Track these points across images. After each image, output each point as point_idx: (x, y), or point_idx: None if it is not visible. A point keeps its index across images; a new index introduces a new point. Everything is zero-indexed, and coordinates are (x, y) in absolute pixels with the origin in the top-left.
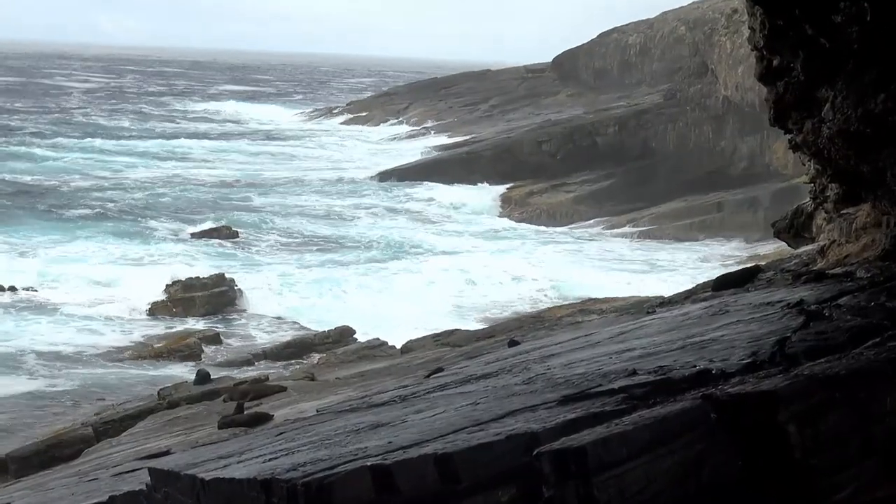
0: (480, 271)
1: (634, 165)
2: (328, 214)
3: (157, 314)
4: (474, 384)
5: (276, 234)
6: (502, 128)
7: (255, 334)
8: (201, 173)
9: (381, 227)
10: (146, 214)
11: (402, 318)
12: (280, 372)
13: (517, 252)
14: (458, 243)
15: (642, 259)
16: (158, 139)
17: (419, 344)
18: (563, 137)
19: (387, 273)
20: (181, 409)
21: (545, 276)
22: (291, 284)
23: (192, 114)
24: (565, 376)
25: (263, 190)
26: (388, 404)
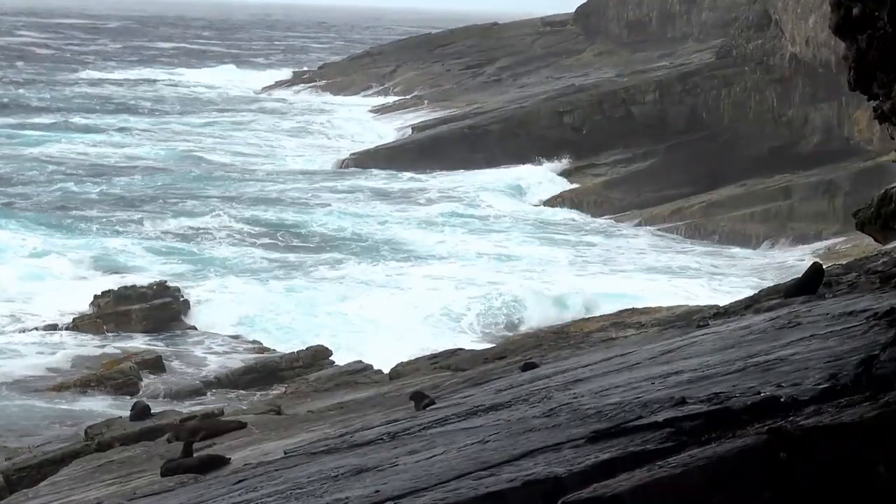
0: (487, 276)
1: (679, 141)
2: (293, 208)
3: (82, 332)
4: (482, 417)
5: (231, 232)
6: (513, 96)
7: (206, 357)
8: (136, 154)
9: (356, 224)
10: (69, 205)
11: (391, 335)
12: (238, 404)
13: (533, 250)
14: (459, 243)
15: (690, 259)
16: (84, 112)
17: (412, 367)
18: (590, 107)
19: (370, 280)
20: (114, 451)
21: (567, 281)
22: (252, 295)
23: (123, 81)
24: (596, 407)
25: (212, 178)
26: (375, 444)
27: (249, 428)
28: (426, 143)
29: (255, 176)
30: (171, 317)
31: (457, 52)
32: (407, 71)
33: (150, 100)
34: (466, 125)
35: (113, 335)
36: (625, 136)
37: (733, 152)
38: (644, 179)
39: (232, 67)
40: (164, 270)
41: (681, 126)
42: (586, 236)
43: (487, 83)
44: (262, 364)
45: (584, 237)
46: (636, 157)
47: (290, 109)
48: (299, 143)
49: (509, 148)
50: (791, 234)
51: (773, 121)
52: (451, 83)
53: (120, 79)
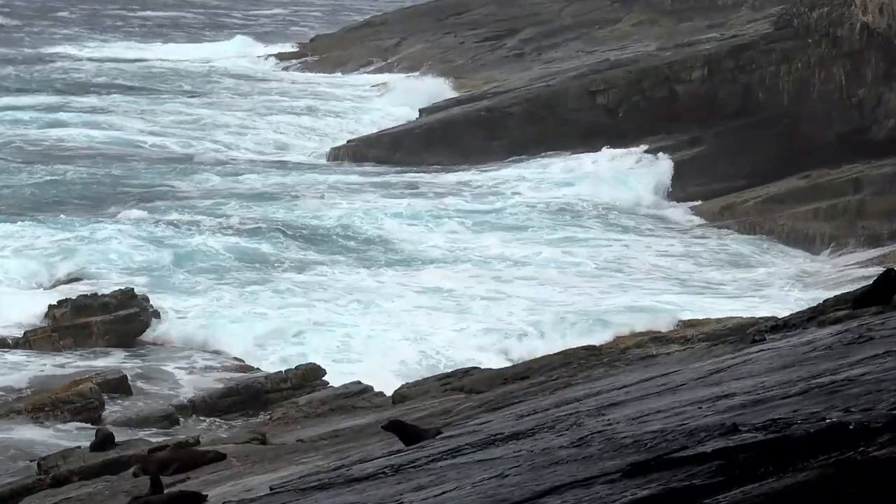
0: (504, 282)
1: (732, 126)
2: (280, 205)
3: (35, 348)
4: (500, 447)
5: (208, 232)
6: (538, 73)
7: (179, 377)
8: (94, 142)
9: (353, 224)
10: (15, 198)
11: (394, 351)
12: (216, 432)
13: (561, 251)
14: (472, 243)
15: (744, 262)
16: (34, 93)
17: (419, 389)
18: (628, 86)
19: (372, 288)
20: (72, 486)
21: (601, 288)
22: (232, 305)
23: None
24: (634, 435)
25: (184, 169)
26: (375, 478)
27: (229, 459)
28: (436, 128)
29: (236, 167)
30: (137, 330)
31: (472, 21)
32: (414, 44)
33: (109, 77)
34: (483, 107)
35: (71, 352)
36: (668, 120)
37: (794, 139)
38: (689, 169)
39: (206, 43)
40: (131, 277)
41: (733, 108)
42: (619, 234)
43: (508, 58)
44: (245, 385)
45: (616, 236)
46: (681, 145)
47: (276, 89)
48: (286, 128)
49: (532, 132)
50: (862, 234)
51: (841, 102)
52: (465, 58)
53: (77, 54)
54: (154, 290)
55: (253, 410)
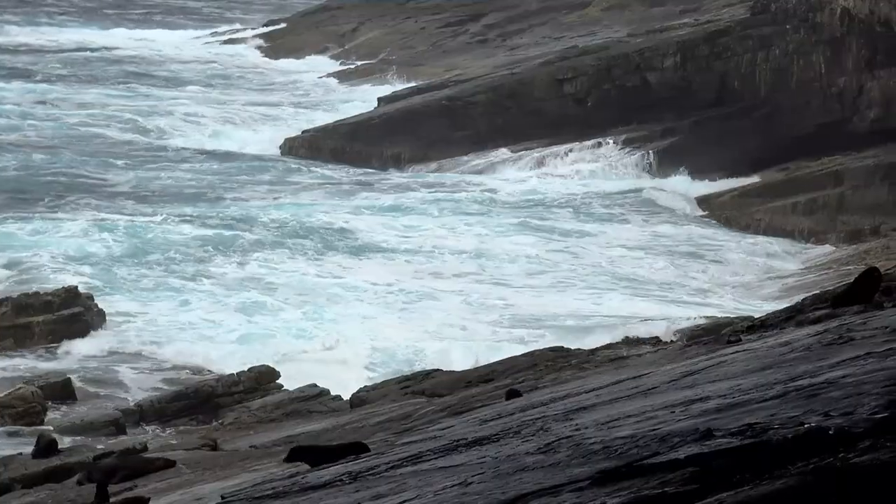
0: (469, 280)
1: (707, 116)
2: (227, 199)
3: None
4: (463, 453)
5: (153, 229)
6: (503, 60)
7: (125, 380)
8: (24, 131)
9: (305, 218)
10: None
11: (352, 351)
12: (164, 438)
13: (536, 247)
14: (436, 233)
15: (718, 258)
16: None
17: (378, 392)
18: (597, 74)
19: (326, 281)
20: (13, 495)
21: (572, 283)
22: (180, 304)
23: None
24: (603, 441)
25: (123, 163)
26: (333, 486)
27: (179, 467)
28: (396, 118)
29: (178, 157)
30: (82, 331)
31: (434, 6)
32: (372, 29)
33: (36, 64)
34: (445, 96)
35: (11, 353)
36: (639, 110)
37: (772, 130)
38: (662, 161)
39: (141, 28)
40: (73, 275)
41: (708, 97)
42: (591, 228)
43: (471, 44)
44: (195, 389)
45: (584, 230)
46: (653, 136)
47: (222, 76)
48: (233, 118)
49: (497, 122)
50: (842, 230)
51: (821, 91)
52: (426, 44)
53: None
54: (98, 289)
55: (203, 415)
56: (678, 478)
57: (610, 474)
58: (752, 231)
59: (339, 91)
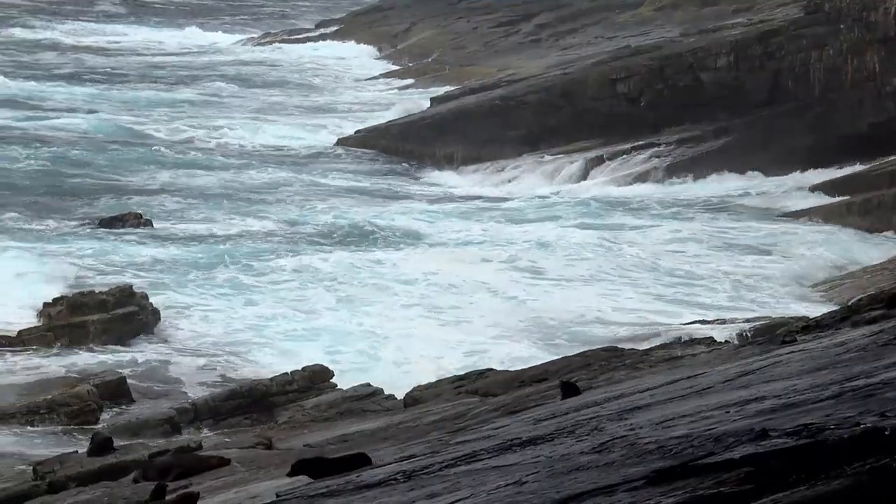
0: (523, 279)
1: (759, 116)
2: (280, 199)
3: (28, 348)
4: (517, 453)
5: (209, 226)
6: (555, 60)
7: (180, 379)
8: (74, 132)
9: (360, 219)
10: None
11: (407, 350)
12: (219, 437)
13: (587, 248)
14: (489, 231)
15: (772, 258)
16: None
17: (432, 392)
18: (650, 73)
19: (377, 282)
20: (69, 493)
21: (628, 285)
22: (235, 304)
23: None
24: (658, 441)
25: (179, 162)
26: (387, 485)
27: (233, 465)
28: (448, 118)
29: (233, 158)
30: (136, 330)
31: (486, 6)
32: (424, 29)
33: (90, 65)
34: (497, 96)
35: (66, 352)
36: (692, 110)
37: (825, 129)
38: (715, 162)
39: (194, 29)
40: (128, 274)
41: (761, 97)
42: (646, 230)
43: (523, 44)
44: (249, 388)
45: (639, 231)
46: (706, 135)
47: (274, 77)
48: (286, 117)
49: (549, 122)
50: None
51: (875, 91)
52: (478, 44)
53: (44, 38)
54: (153, 288)
55: (258, 414)
56: (733, 478)
57: (664, 474)
58: (810, 230)
59: (391, 91)
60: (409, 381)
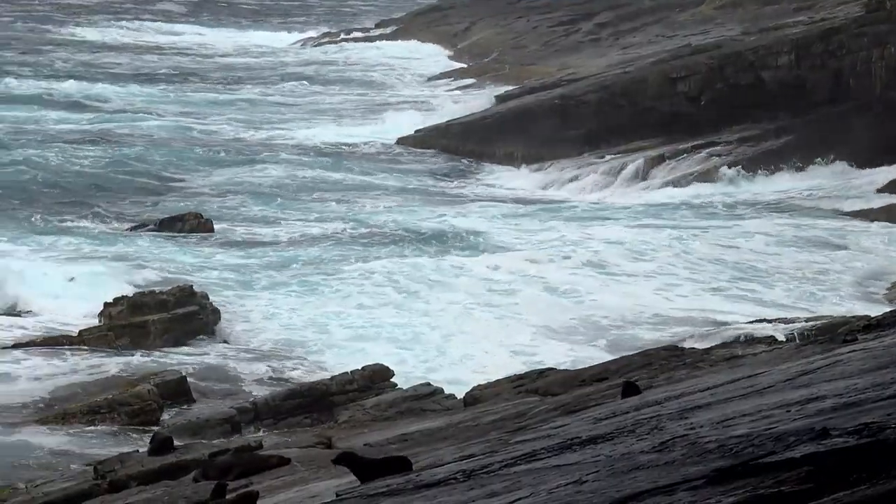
0: (585, 278)
1: (821, 115)
2: (342, 198)
3: (89, 348)
4: (578, 452)
5: (269, 227)
6: (615, 59)
7: (240, 379)
8: (135, 133)
9: (421, 220)
10: (57, 198)
11: (467, 350)
12: (279, 437)
13: (648, 247)
14: (547, 235)
15: (835, 257)
16: (62, 79)
17: (492, 391)
18: (710, 72)
19: (440, 281)
20: (130, 492)
21: (690, 284)
22: (295, 303)
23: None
24: (718, 440)
25: (239, 161)
26: (447, 484)
27: (293, 464)
28: (508, 117)
29: (294, 157)
30: (197, 329)
31: (545, 4)
32: (484, 28)
33: (155, 67)
34: (557, 95)
35: (127, 352)
36: (753, 108)
37: (887, 127)
38: (776, 160)
39: (254, 29)
40: (188, 274)
41: (822, 95)
42: (704, 228)
43: (583, 43)
44: (309, 388)
45: (700, 229)
46: (767, 134)
47: (335, 76)
48: (346, 116)
49: (610, 122)
50: None
51: None
52: (538, 43)
53: (106, 39)
54: (213, 288)
55: (318, 413)
56: (794, 477)
57: (725, 473)
58: (875, 230)
59: (451, 90)
60: (470, 380)
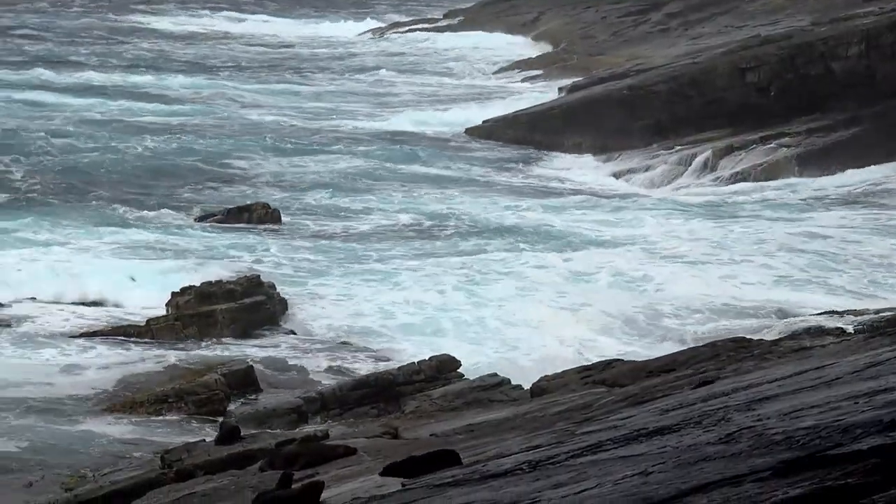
0: (655, 269)
1: (891, 105)
2: (408, 186)
3: (157, 338)
4: (644, 443)
5: (337, 217)
6: (684, 49)
7: (307, 369)
8: (204, 123)
9: (480, 205)
10: (125, 187)
11: (534, 341)
12: (346, 427)
13: (717, 237)
14: (619, 229)
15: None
16: (130, 69)
17: (558, 382)
18: (780, 63)
19: (508, 273)
20: (197, 481)
21: (760, 274)
22: (364, 294)
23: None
24: (785, 431)
25: (307, 150)
26: (513, 474)
27: (360, 454)
28: (576, 108)
29: (361, 147)
30: (264, 319)
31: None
32: (552, 19)
33: (223, 56)
34: (626, 85)
35: (194, 341)
36: (823, 99)
37: None
38: (847, 152)
39: (319, 18)
40: (255, 264)
41: (892, 86)
42: (777, 219)
43: (652, 33)
44: (376, 378)
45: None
46: (837, 125)
47: (403, 66)
48: (414, 106)
49: (679, 112)
50: None
51: None
52: (606, 33)
53: (178, 30)
54: (281, 278)
55: (384, 403)
56: (861, 469)
57: (792, 465)
58: None
59: (519, 80)
60: (537, 371)
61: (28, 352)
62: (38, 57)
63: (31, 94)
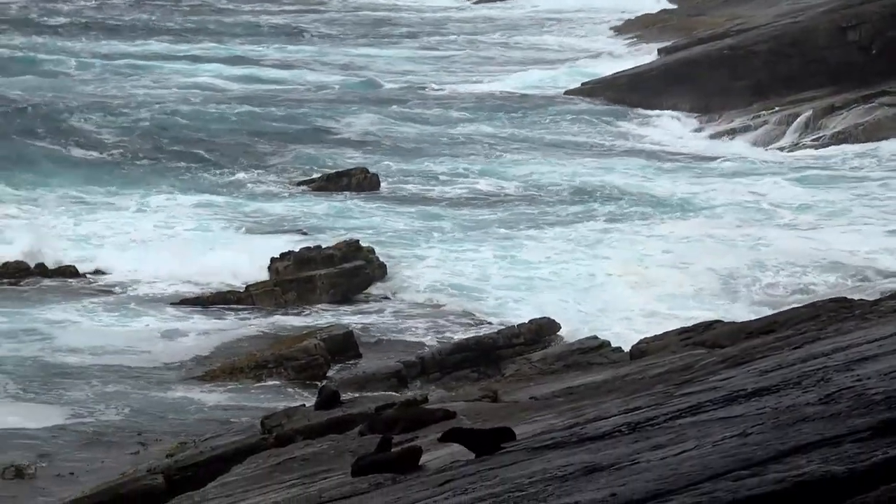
0: (760, 230)
1: None
2: (508, 149)
3: (257, 303)
4: (743, 405)
5: (436, 182)
6: (785, 8)
7: (407, 331)
8: (300, 89)
9: (580, 167)
10: (224, 154)
11: (633, 303)
12: (445, 391)
13: (821, 198)
14: (718, 187)
15: None
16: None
17: (658, 344)
18: (882, 21)
19: (610, 236)
20: (297, 446)
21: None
22: (463, 258)
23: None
24: (886, 391)
25: (407, 115)
26: (611, 437)
27: (459, 418)
28: (675, 69)
29: (461, 112)
30: (363, 284)
31: None
32: None
33: (316, 22)
34: (726, 45)
35: (294, 306)
36: None
37: None
38: None
39: None
40: (354, 229)
41: None
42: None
43: None
44: (476, 341)
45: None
46: None
47: (499, 30)
48: (511, 69)
49: (779, 72)
50: None
51: None
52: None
53: None
54: (380, 242)
55: (484, 367)
56: None
57: (892, 425)
58: None
59: (618, 42)
60: (637, 333)
61: (129, 319)
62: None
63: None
